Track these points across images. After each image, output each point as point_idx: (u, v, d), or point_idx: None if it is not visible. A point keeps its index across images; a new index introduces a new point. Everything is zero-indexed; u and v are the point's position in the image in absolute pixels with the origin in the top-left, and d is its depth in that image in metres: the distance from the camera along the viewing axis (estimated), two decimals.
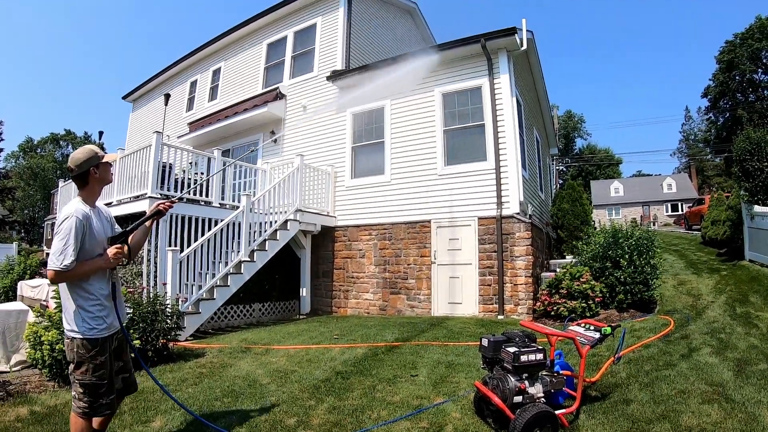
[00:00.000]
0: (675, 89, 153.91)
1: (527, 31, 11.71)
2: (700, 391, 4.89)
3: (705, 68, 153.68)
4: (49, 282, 3.69)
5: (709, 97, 67.32)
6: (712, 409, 4.41)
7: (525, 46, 11.72)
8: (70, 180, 12.68)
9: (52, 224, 45.08)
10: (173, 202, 4.07)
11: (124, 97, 26.36)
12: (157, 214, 3.92)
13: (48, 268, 3.31)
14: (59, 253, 3.26)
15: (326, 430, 4.40)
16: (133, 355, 6.45)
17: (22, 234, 66.97)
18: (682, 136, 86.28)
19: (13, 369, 6.96)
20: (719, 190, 36.85)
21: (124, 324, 3.76)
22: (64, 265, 3.24)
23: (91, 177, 3.56)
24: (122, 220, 10.71)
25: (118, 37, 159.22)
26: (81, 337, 3.36)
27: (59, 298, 3.58)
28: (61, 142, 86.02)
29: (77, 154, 3.53)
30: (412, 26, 20.92)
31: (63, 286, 3.42)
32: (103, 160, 3.62)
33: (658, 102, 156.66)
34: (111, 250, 3.51)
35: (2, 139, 49.27)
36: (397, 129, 13.17)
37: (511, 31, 11.29)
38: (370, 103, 13.73)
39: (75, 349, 3.37)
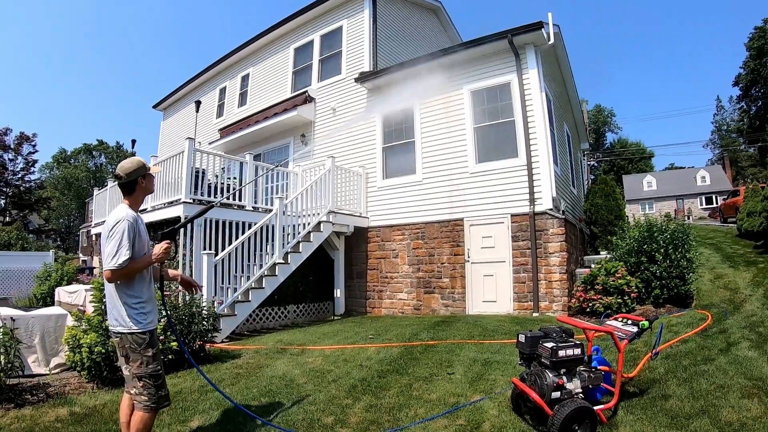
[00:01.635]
0: (705, 79, 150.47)
1: (554, 25, 11.63)
2: (739, 385, 4.83)
3: (735, 56, 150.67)
4: (106, 281, 3.64)
5: (740, 85, 65.65)
6: (752, 404, 4.36)
7: (552, 41, 11.64)
8: (108, 187, 12.95)
9: (87, 232, 46.12)
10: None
11: (154, 106, 26.85)
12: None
13: (104, 268, 3.52)
14: (114, 254, 3.49)
15: (364, 428, 4.46)
16: (171, 357, 6.67)
17: (58, 242, 68.37)
18: (714, 127, 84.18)
19: (53, 372, 7.12)
20: (754, 181, 36.11)
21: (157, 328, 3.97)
22: (119, 264, 3.47)
23: (138, 186, 3.84)
24: (157, 225, 10.94)
25: (148, 47, 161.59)
26: (130, 332, 3.59)
27: (97, 302, 4.72)
28: (93, 152, 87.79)
29: (127, 164, 3.81)
30: (437, 25, 20.89)
31: (110, 289, 3.65)
32: (150, 172, 3.91)
33: (689, 92, 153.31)
34: (162, 245, 3.74)
35: (36, 151, 50.36)
36: (427, 128, 13.20)
37: (538, 26, 11.25)
38: (398, 105, 13.75)
39: (127, 345, 3.61)
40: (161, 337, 6.76)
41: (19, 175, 49.91)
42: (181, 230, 10.16)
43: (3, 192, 49.01)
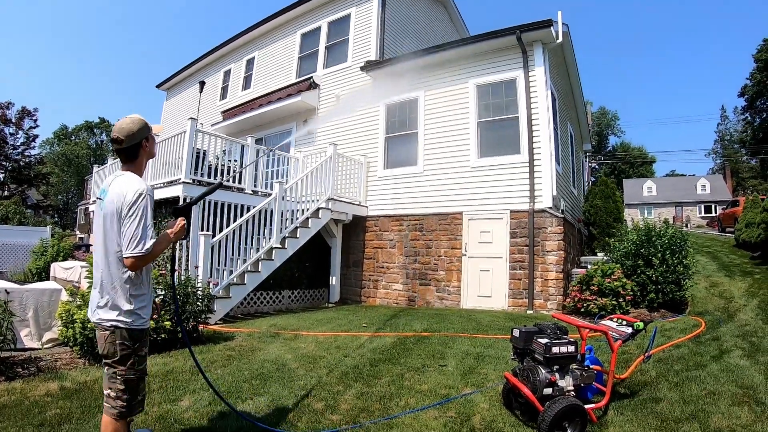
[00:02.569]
0: (711, 87, 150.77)
1: (563, 24, 11.59)
2: (730, 392, 4.84)
3: (742, 66, 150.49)
4: (130, 272, 3.09)
5: (745, 96, 65.32)
6: (742, 411, 4.37)
7: (560, 39, 11.58)
8: (107, 165, 12.89)
9: (86, 209, 45.99)
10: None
11: (158, 86, 26.78)
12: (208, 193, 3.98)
13: (127, 255, 3.00)
14: (139, 236, 2.99)
15: (354, 415, 4.46)
16: (180, 335, 6.64)
17: (56, 218, 68.34)
18: (717, 136, 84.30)
19: (45, 346, 7.12)
20: (754, 193, 36.14)
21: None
22: (147, 249, 3.00)
23: (142, 150, 3.28)
24: (157, 204, 10.90)
25: (151, 25, 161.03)
26: (127, 327, 3.09)
27: (92, 278, 3.37)
28: (95, 130, 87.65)
29: (128, 125, 3.19)
30: (446, 18, 20.84)
31: (113, 274, 3.10)
32: (153, 133, 3.37)
33: (694, 100, 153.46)
34: (179, 222, 3.33)
35: (38, 126, 49.97)
36: (430, 120, 13.17)
37: (547, 24, 11.20)
38: (404, 94, 13.75)
39: (118, 341, 3.08)
40: (154, 316, 6.76)
41: (20, 150, 49.68)
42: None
43: (2, 166, 48.80)
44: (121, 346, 3.08)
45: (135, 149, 3.22)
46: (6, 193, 47.47)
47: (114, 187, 3.13)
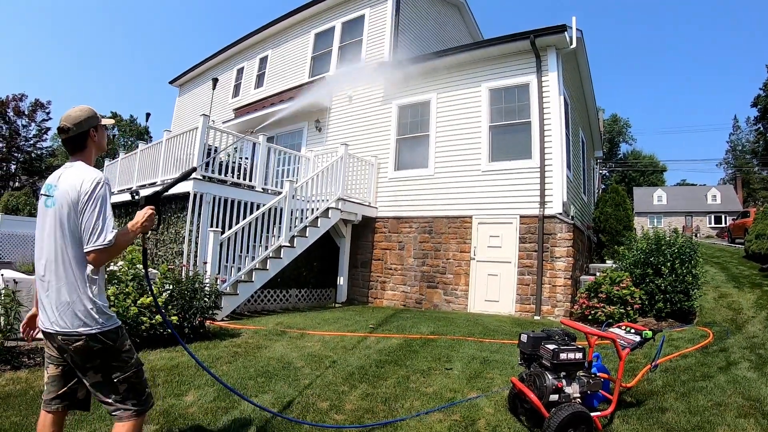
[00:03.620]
0: (724, 97, 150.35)
1: (577, 29, 11.56)
2: (737, 404, 4.81)
3: (756, 76, 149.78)
4: (92, 268, 2.79)
5: (758, 107, 64.71)
6: (748, 424, 4.34)
7: (574, 45, 11.57)
8: (119, 159, 12.96)
9: None
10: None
11: (170, 82, 26.87)
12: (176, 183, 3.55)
13: (88, 249, 2.72)
14: (100, 228, 2.72)
15: (358, 416, 4.46)
16: (169, 330, 6.62)
17: None
18: (729, 146, 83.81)
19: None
20: (765, 204, 35.88)
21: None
22: (109, 240, 2.71)
23: (90, 140, 3.03)
24: (166, 199, 10.94)
25: (165, 21, 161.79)
26: (101, 330, 2.78)
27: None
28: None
29: (74, 112, 2.99)
30: (460, 21, 20.80)
31: (75, 271, 2.79)
32: (102, 123, 3.12)
33: (706, 109, 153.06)
34: (146, 211, 3.01)
35: (50, 118, 50.55)
36: (442, 123, 13.16)
37: (561, 29, 11.17)
38: (416, 96, 13.75)
39: (96, 348, 2.77)
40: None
41: (32, 142, 50.17)
42: (182, 205, 10.18)
43: (14, 157, 49.25)
44: (101, 354, 2.79)
45: (82, 138, 2.98)
46: (17, 184, 47.85)
47: (66, 178, 2.86)
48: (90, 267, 2.81)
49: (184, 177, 3.69)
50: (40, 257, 2.88)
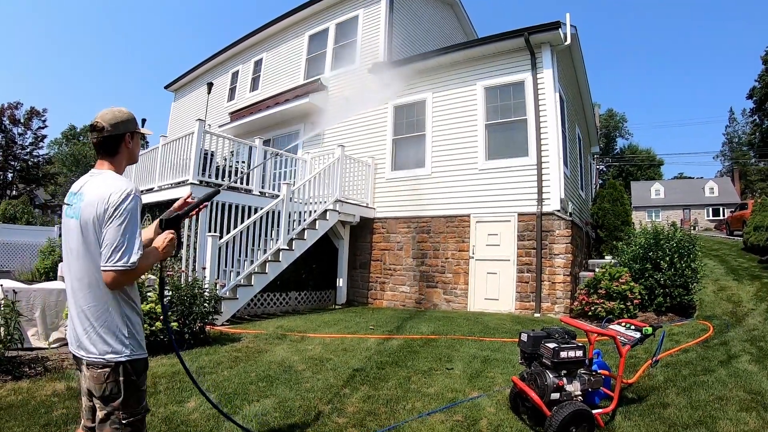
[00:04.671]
0: (719, 89, 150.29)
1: (571, 26, 11.56)
2: (738, 398, 4.82)
3: (751, 68, 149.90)
4: (110, 289, 2.45)
5: (754, 98, 64.44)
6: (749, 417, 4.36)
7: (568, 41, 11.55)
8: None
9: None
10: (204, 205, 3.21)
11: (166, 87, 26.86)
12: (195, 207, 3.13)
13: (107, 268, 2.38)
14: (124, 246, 2.39)
15: (360, 418, 4.46)
16: (167, 339, 6.60)
17: None
18: (725, 139, 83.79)
19: (52, 346, 7.12)
20: (763, 195, 35.92)
21: None
22: (132, 263, 2.39)
23: (124, 145, 2.72)
24: (164, 205, 10.94)
25: (160, 25, 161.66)
26: (130, 359, 2.51)
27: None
28: None
29: (112, 112, 2.68)
30: (454, 19, 20.78)
31: (103, 290, 2.49)
32: (139, 130, 2.85)
33: (702, 102, 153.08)
34: (167, 236, 2.75)
35: (46, 126, 50.45)
36: (438, 122, 13.16)
37: (555, 26, 11.17)
38: (412, 96, 13.76)
39: (122, 378, 2.48)
40: (161, 317, 6.78)
41: (28, 150, 50.07)
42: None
43: (11, 165, 49.17)
44: (126, 384, 2.48)
45: (116, 141, 2.67)
46: (14, 192, 47.78)
47: (91, 187, 2.55)
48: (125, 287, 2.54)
49: (209, 198, 3.33)
50: (68, 271, 2.62)
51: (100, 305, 2.49)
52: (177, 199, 3.09)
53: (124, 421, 2.47)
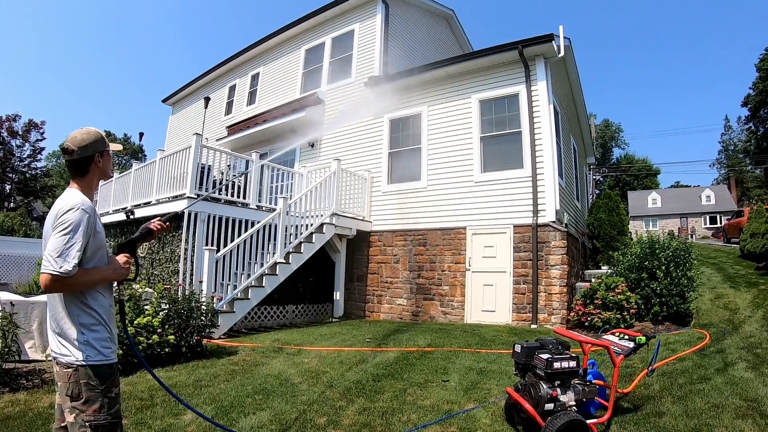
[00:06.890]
0: (714, 97, 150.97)
1: (564, 38, 11.67)
2: (734, 406, 4.82)
3: (745, 76, 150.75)
4: (42, 290, 2.60)
5: (749, 106, 64.68)
6: (745, 425, 4.35)
7: (562, 53, 11.67)
8: (113, 179, 12.91)
9: None
10: (164, 226, 3.29)
11: (163, 101, 26.94)
12: (148, 234, 3.18)
13: (43, 270, 2.50)
14: (59, 252, 2.50)
15: (356, 430, 4.48)
16: (167, 350, 6.65)
17: None
18: (721, 147, 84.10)
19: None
20: (759, 202, 35.97)
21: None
22: (65, 270, 2.48)
23: (94, 165, 2.86)
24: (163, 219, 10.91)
25: (157, 41, 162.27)
26: (87, 364, 2.60)
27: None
28: None
29: (81, 135, 2.83)
30: (449, 33, 20.92)
31: (58, 300, 2.68)
32: (109, 148, 2.97)
33: (697, 111, 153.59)
34: (121, 258, 2.88)
35: (44, 138, 50.48)
36: (434, 135, 13.22)
37: (549, 38, 11.27)
38: (407, 109, 13.83)
39: (81, 381, 2.58)
40: (158, 330, 6.80)
41: (26, 162, 50.06)
42: (186, 230, 10.19)
43: (8, 178, 49.15)
44: (87, 387, 2.58)
45: (85, 163, 2.83)
46: (12, 205, 47.74)
47: (55, 203, 2.73)
48: (85, 295, 2.67)
49: (142, 237, 3.19)
50: None
51: (59, 312, 2.66)
52: (172, 213, 3.25)
53: (86, 423, 2.55)
